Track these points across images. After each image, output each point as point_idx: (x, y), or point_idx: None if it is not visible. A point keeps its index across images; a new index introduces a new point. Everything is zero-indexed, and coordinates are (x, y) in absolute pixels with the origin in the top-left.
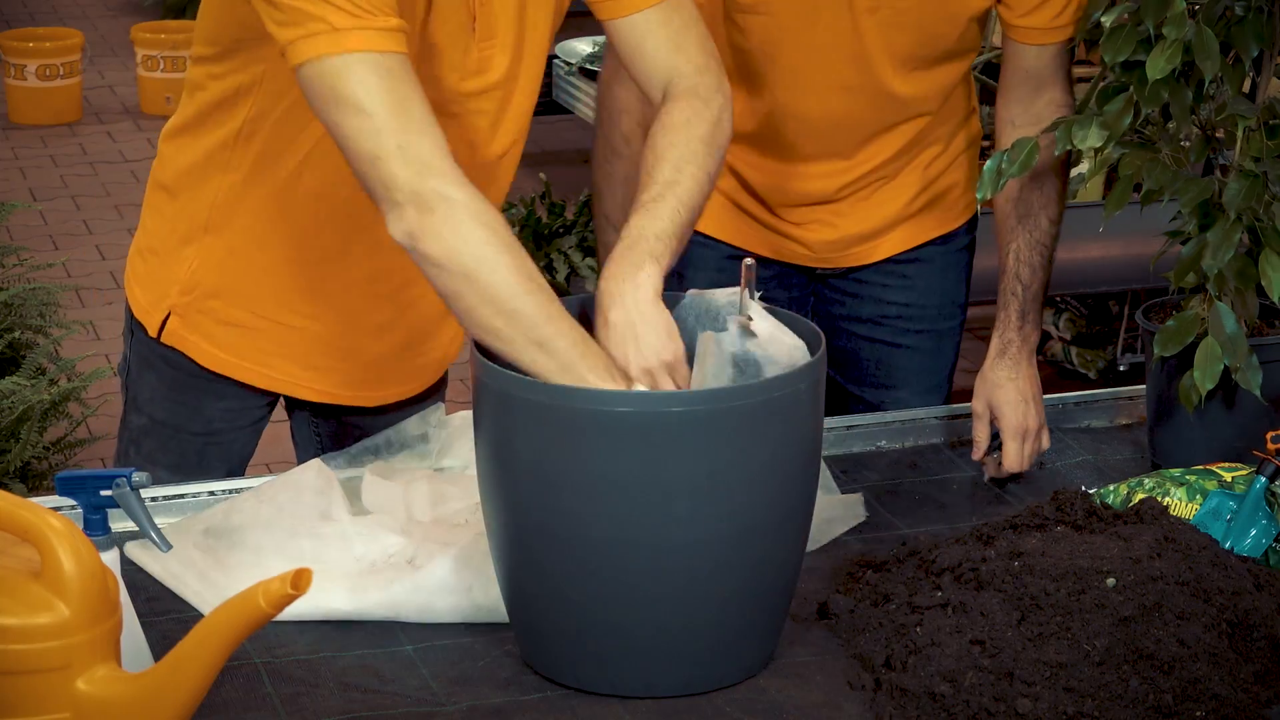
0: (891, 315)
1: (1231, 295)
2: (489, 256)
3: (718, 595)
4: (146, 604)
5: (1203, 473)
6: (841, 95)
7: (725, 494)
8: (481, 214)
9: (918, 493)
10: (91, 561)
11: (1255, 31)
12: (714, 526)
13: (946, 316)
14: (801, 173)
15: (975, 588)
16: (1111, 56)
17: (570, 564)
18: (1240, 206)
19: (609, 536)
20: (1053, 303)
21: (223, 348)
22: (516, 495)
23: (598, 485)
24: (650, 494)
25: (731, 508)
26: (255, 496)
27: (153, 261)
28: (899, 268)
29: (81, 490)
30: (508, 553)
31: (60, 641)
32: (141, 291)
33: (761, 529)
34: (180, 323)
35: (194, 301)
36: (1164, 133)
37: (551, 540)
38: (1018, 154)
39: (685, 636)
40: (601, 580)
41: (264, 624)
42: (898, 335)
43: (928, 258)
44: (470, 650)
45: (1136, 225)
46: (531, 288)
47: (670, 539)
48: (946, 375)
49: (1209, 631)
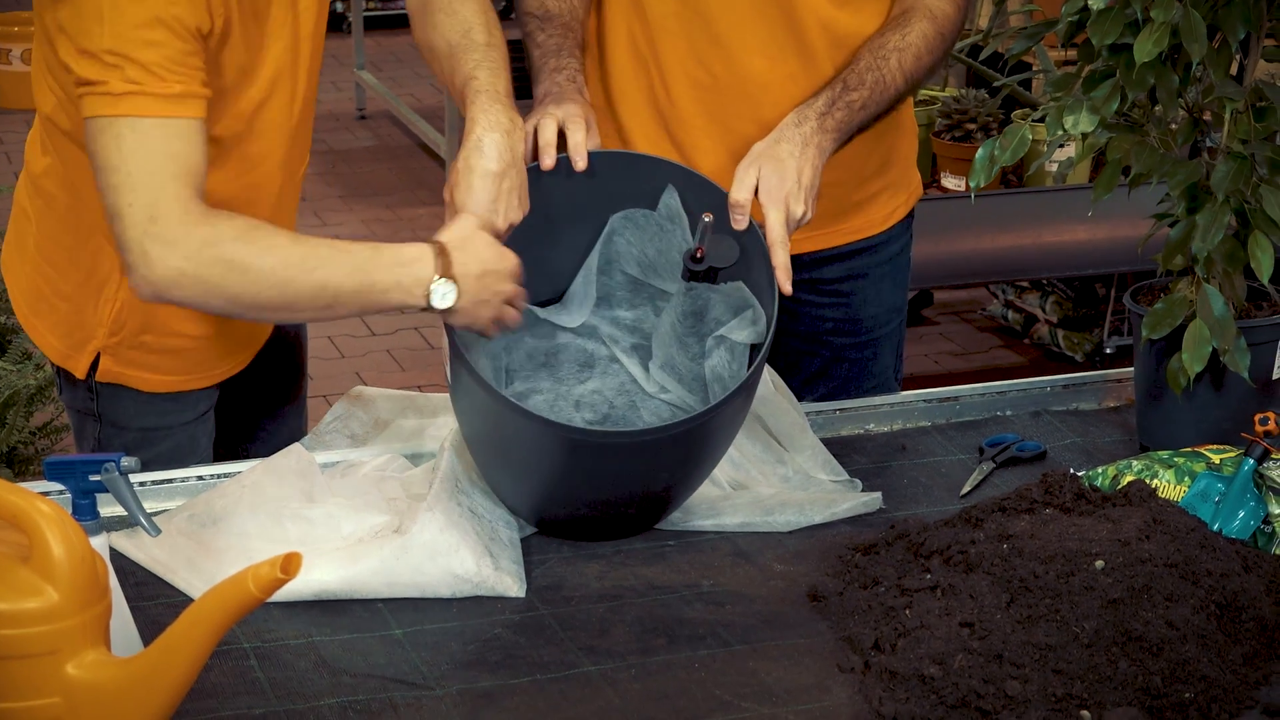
0: (828, 330)
1: (1220, 278)
2: (234, 283)
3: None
4: (135, 588)
5: (1191, 455)
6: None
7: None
8: (210, 245)
9: (906, 476)
10: (81, 546)
11: (1243, 14)
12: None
13: (884, 324)
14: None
15: (964, 570)
16: (1099, 39)
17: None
18: (1228, 189)
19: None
20: (1039, 286)
21: (164, 371)
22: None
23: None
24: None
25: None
26: (237, 483)
27: (64, 308)
28: (834, 285)
29: (70, 475)
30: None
31: (49, 626)
32: (57, 339)
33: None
34: (114, 360)
35: (125, 338)
36: (1151, 116)
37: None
38: (1009, 141)
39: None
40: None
41: (253, 608)
42: (837, 351)
43: (860, 271)
44: (460, 634)
45: (1124, 208)
46: (293, 276)
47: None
48: (891, 375)
49: (1198, 613)
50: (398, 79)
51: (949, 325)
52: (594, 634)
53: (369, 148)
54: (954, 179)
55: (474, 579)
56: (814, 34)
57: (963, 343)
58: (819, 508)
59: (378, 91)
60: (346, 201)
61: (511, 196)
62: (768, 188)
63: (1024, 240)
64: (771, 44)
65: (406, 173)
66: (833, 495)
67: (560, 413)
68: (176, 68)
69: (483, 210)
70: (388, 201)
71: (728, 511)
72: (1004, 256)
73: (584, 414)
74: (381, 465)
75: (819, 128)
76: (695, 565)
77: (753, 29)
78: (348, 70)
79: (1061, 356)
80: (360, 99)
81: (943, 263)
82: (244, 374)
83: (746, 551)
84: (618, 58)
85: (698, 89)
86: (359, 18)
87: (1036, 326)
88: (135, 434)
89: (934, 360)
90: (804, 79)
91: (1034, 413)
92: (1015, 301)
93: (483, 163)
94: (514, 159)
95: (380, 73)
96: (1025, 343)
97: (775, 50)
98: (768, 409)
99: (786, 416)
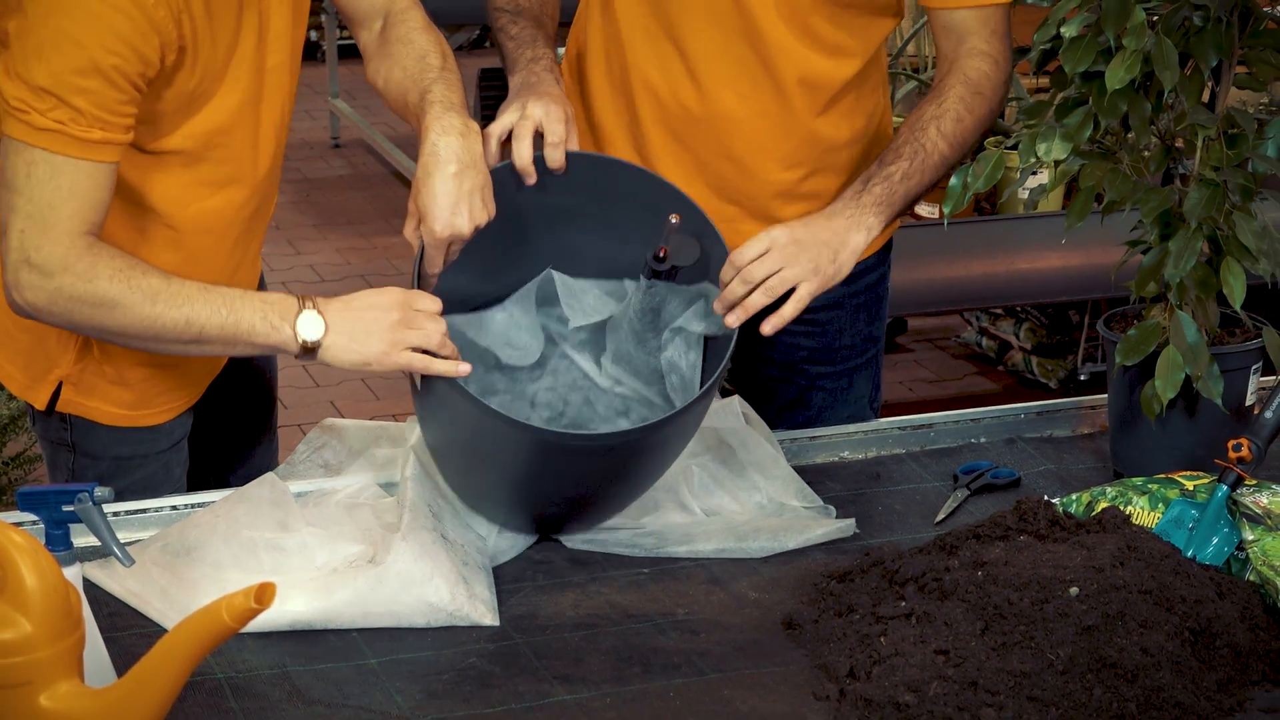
0: (804, 359)
1: (1193, 304)
2: (102, 316)
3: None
4: (109, 619)
5: (1165, 481)
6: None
7: None
8: (84, 280)
9: (881, 503)
10: (54, 577)
11: (1214, 42)
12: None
13: (860, 353)
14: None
15: (939, 597)
16: (1071, 67)
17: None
18: (1201, 215)
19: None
20: (1013, 313)
21: (122, 404)
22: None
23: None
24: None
25: None
26: (211, 512)
27: (24, 339)
28: (811, 315)
29: (44, 505)
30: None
31: (23, 657)
32: (18, 369)
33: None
34: (75, 390)
35: (89, 365)
36: (1124, 143)
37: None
38: (982, 168)
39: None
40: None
41: (227, 638)
42: (812, 379)
43: (835, 301)
44: (435, 663)
45: (1097, 235)
46: (154, 315)
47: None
48: (867, 404)
49: (1172, 640)
50: (372, 108)
51: (923, 352)
52: (569, 663)
53: (343, 176)
54: (928, 206)
55: (449, 608)
56: (786, 74)
57: (937, 370)
58: (793, 534)
59: (352, 120)
60: (321, 230)
61: (474, 198)
62: (772, 235)
63: (997, 267)
64: (744, 80)
65: (381, 201)
66: (807, 521)
67: (517, 412)
68: (105, 115)
69: (445, 214)
70: (362, 230)
71: (702, 538)
72: (978, 283)
73: (540, 412)
74: (355, 494)
75: (856, 205)
76: (670, 593)
77: (725, 64)
78: (322, 99)
79: (1036, 383)
80: (335, 127)
81: (916, 290)
82: (215, 403)
83: (721, 579)
84: (597, 82)
85: (669, 119)
86: (333, 46)
87: (1010, 353)
88: (109, 463)
89: (908, 387)
90: (776, 117)
91: (1008, 440)
92: (989, 328)
93: (440, 166)
94: (472, 160)
95: (355, 101)
96: (999, 369)
97: (747, 87)
98: (739, 440)
99: (760, 449)
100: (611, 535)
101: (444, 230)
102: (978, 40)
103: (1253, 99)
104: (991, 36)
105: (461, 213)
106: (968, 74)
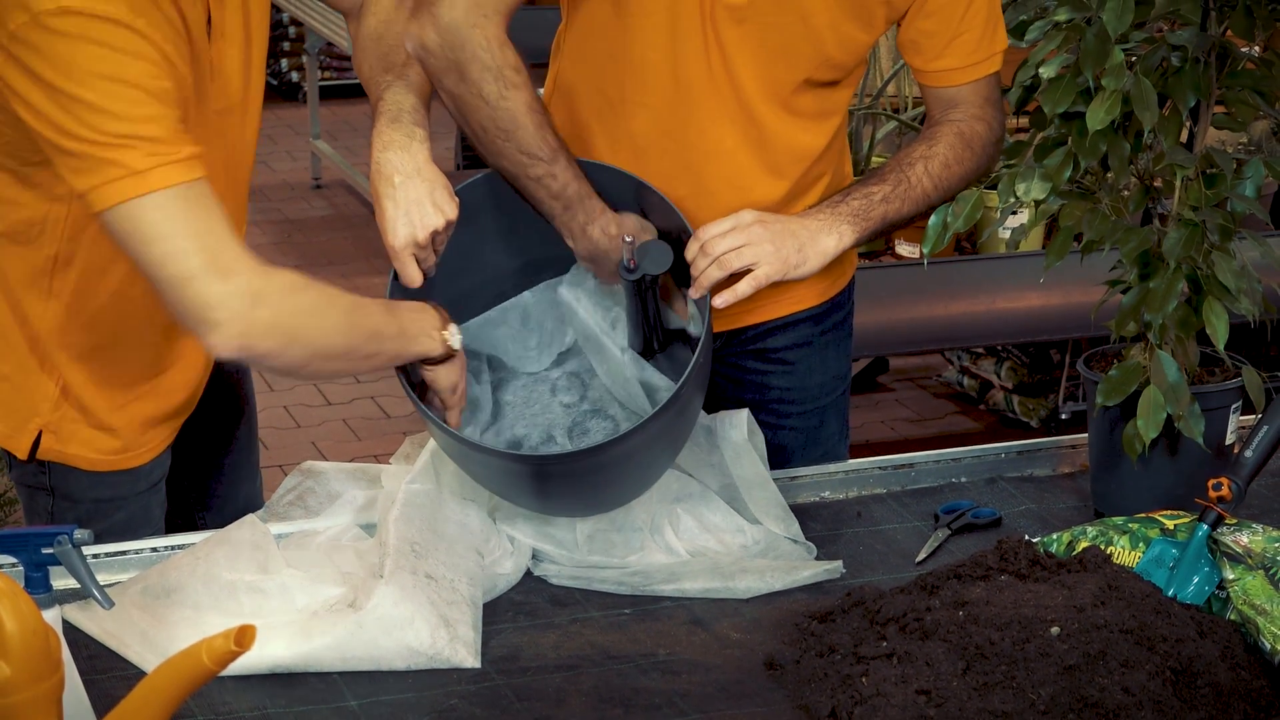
0: (774, 399)
1: (1173, 344)
2: (312, 328)
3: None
4: (88, 661)
5: (1145, 520)
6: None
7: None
8: (287, 291)
9: (862, 543)
10: (33, 620)
11: (1192, 82)
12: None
13: (828, 392)
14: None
15: (920, 637)
16: (1051, 108)
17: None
18: (1180, 255)
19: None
20: (994, 352)
21: (102, 450)
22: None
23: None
24: None
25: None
26: (191, 554)
27: (3, 388)
28: (780, 354)
29: (23, 548)
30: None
31: (2, 700)
32: None
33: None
34: (55, 438)
35: (67, 414)
36: (1103, 183)
37: None
38: (962, 208)
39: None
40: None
41: (208, 681)
42: (781, 419)
43: (804, 340)
44: (415, 705)
45: (1076, 275)
46: (353, 320)
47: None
48: (839, 441)
49: (1153, 679)
50: (353, 148)
51: (904, 391)
52: (550, 704)
53: (324, 217)
54: (908, 246)
55: (429, 651)
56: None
57: (918, 409)
58: (779, 574)
59: (333, 160)
60: (302, 270)
61: (423, 205)
62: (741, 215)
63: (978, 306)
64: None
65: (362, 242)
66: (794, 563)
67: (537, 398)
68: (178, 132)
69: (394, 225)
70: (343, 270)
71: (688, 577)
72: (958, 323)
73: (561, 398)
74: (336, 535)
75: (831, 212)
76: (651, 634)
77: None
78: (303, 139)
79: (1017, 422)
80: (315, 168)
81: (897, 329)
82: (195, 441)
83: (703, 620)
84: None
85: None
86: (314, 87)
87: (991, 393)
88: (88, 506)
89: (889, 427)
90: (755, 156)
91: (989, 479)
92: (970, 368)
93: (383, 182)
94: (415, 168)
95: (336, 142)
96: (980, 409)
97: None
98: (734, 453)
99: (754, 467)
100: (596, 574)
101: (396, 241)
102: (970, 109)
103: (1231, 139)
104: (984, 104)
105: (411, 221)
106: (961, 129)
